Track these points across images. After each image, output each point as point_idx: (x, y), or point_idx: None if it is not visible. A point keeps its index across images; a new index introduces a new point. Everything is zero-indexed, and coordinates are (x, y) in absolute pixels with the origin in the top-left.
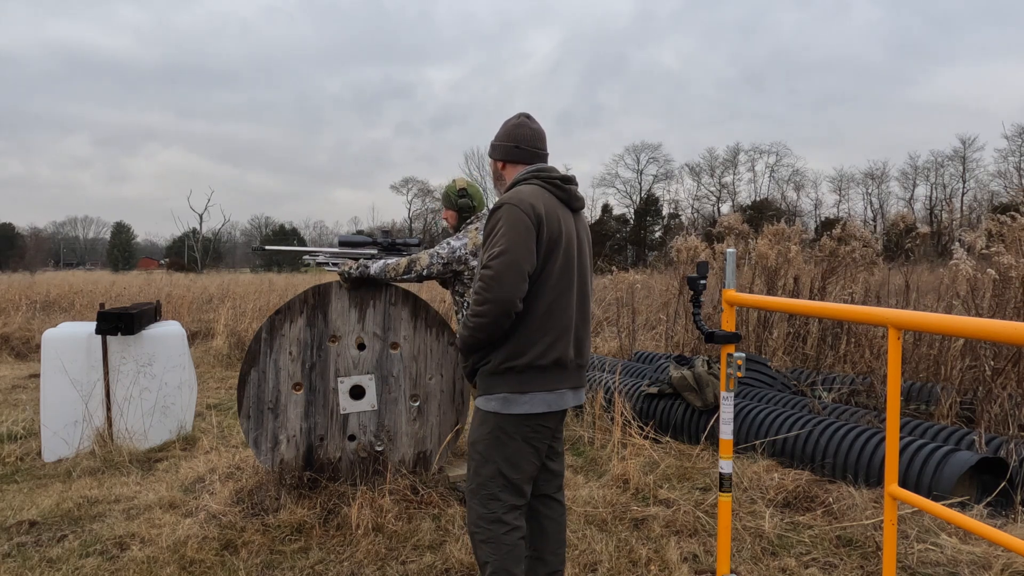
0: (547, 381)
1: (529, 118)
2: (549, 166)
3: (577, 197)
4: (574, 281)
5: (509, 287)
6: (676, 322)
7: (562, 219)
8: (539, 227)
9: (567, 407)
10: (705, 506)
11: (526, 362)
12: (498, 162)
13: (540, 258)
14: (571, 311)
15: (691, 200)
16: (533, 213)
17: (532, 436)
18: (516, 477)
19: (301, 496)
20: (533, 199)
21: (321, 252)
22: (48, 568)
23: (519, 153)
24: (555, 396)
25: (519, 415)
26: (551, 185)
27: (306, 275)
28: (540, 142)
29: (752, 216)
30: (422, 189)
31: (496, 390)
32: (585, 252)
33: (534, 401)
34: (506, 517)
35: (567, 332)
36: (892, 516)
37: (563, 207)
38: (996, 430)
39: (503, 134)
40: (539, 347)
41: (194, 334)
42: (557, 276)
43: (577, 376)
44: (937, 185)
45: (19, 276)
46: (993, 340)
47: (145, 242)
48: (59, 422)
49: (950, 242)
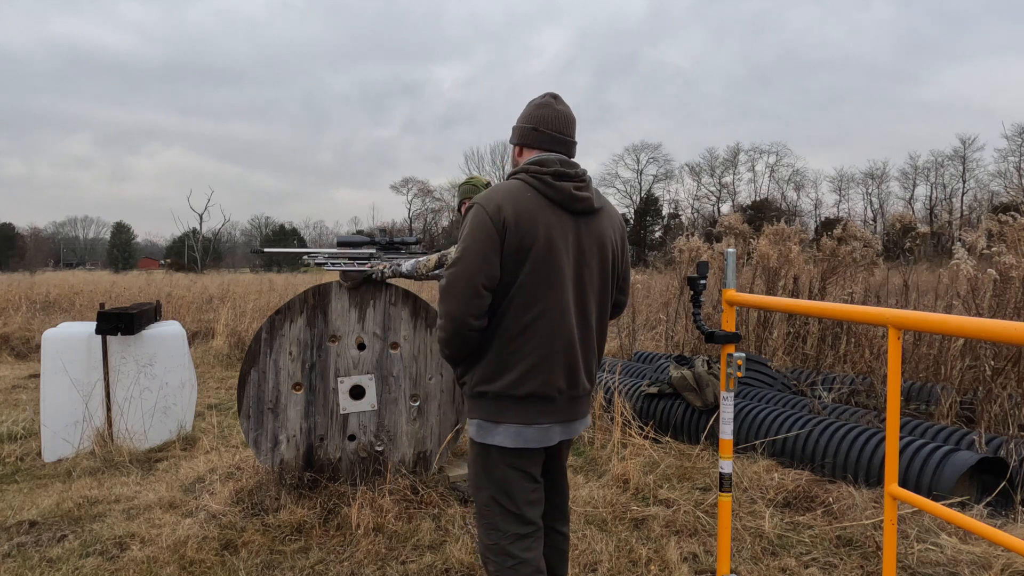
0: (525, 413)
1: (556, 98)
2: (554, 157)
3: (576, 197)
4: (567, 297)
5: (456, 302)
6: (676, 322)
7: (547, 223)
8: (504, 233)
9: (551, 443)
10: (705, 506)
11: (497, 389)
12: (516, 148)
13: (509, 269)
14: (563, 332)
15: (691, 200)
16: (499, 216)
17: (518, 462)
18: (510, 505)
19: (301, 496)
20: (504, 199)
21: (320, 253)
22: (48, 568)
23: (536, 137)
24: (534, 431)
25: (494, 446)
26: (539, 181)
27: (306, 275)
28: (565, 127)
29: (752, 216)
30: (422, 189)
31: (472, 414)
32: (593, 263)
33: (507, 433)
34: (512, 548)
35: (554, 357)
36: (892, 516)
37: (554, 208)
38: (996, 430)
39: (524, 115)
40: (513, 374)
41: (194, 334)
42: (537, 290)
43: (570, 408)
44: (937, 185)
45: (19, 276)
46: (993, 340)
47: (145, 242)
48: (59, 422)
49: (950, 242)
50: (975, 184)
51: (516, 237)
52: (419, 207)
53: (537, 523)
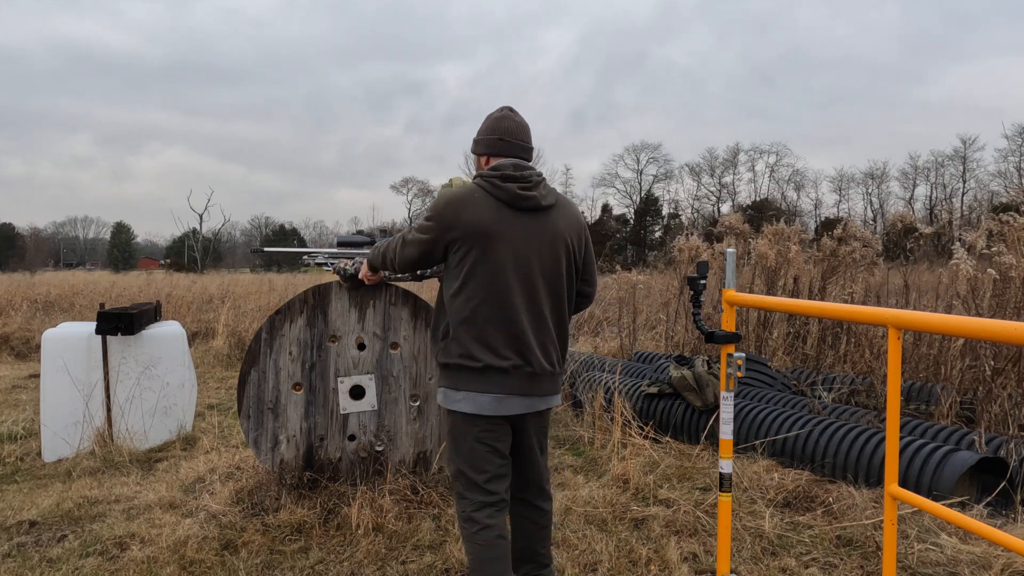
0: (482, 383)
1: (513, 111)
2: (507, 163)
3: (520, 196)
4: (510, 282)
5: (394, 261)
6: (676, 322)
7: (491, 219)
8: (444, 229)
9: (510, 413)
10: (705, 506)
11: (456, 361)
12: (482, 157)
13: (458, 257)
14: (507, 313)
15: (691, 200)
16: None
17: (483, 435)
18: (477, 477)
19: (301, 496)
20: (455, 197)
21: (320, 252)
22: (48, 568)
23: (504, 146)
24: (490, 400)
25: (460, 413)
26: (488, 184)
27: (306, 275)
28: (525, 135)
29: (752, 216)
30: (422, 189)
31: (440, 383)
32: (544, 253)
33: (466, 401)
34: (476, 515)
35: (499, 335)
36: (892, 516)
37: (500, 206)
38: (996, 430)
39: (486, 128)
40: (469, 348)
41: (194, 334)
42: (483, 277)
43: (528, 383)
44: (937, 185)
45: (19, 276)
46: (993, 340)
47: (145, 242)
48: (59, 422)
49: (950, 242)
50: (975, 184)
51: (460, 231)
52: (419, 207)
53: (500, 495)
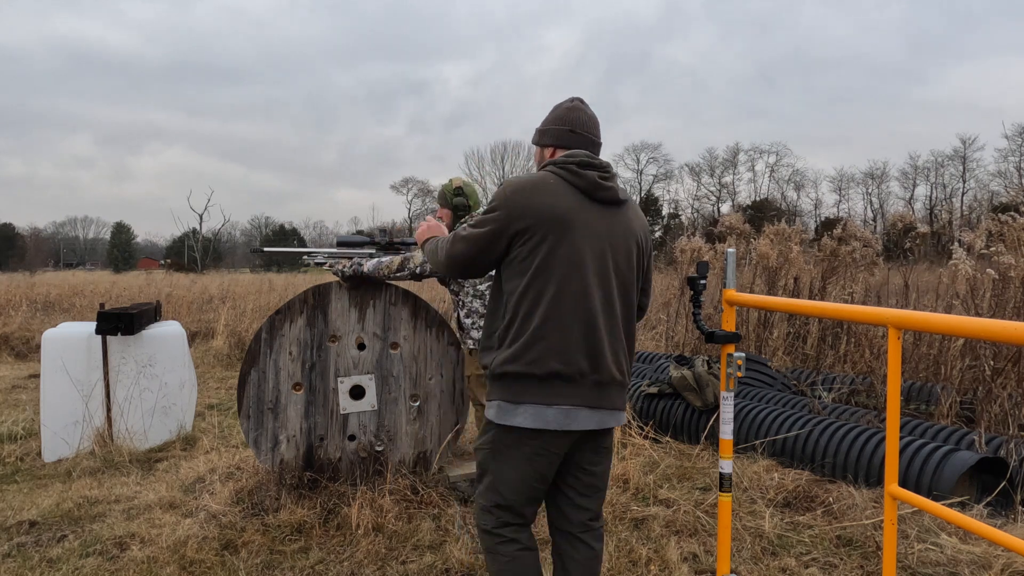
0: (546, 394)
1: (583, 103)
2: (581, 151)
3: (600, 185)
4: (589, 279)
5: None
6: (676, 322)
7: (569, 207)
8: (513, 217)
9: (578, 428)
10: (705, 506)
11: (518, 369)
12: (547, 149)
13: (526, 250)
14: (584, 314)
15: (691, 200)
16: (516, 200)
17: (534, 456)
18: (512, 498)
19: (301, 496)
20: (525, 184)
21: (319, 252)
22: (48, 568)
23: (574, 138)
24: (556, 413)
25: (514, 428)
26: (565, 171)
27: (306, 275)
28: (596, 129)
29: (752, 216)
30: (422, 189)
31: (492, 395)
32: (619, 250)
33: (527, 414)
34: (501, 531)
35: (574, 337)
36: (892, 516)
37: (578, 194)
38: (996, 430)
39: (554, 118)
40: (533, 353)
41: (194, 334)
42: (557, 271)
43: (596, 394)
44: (937, 185)
45: (19, 276)
46: (993, 340)
47: (145, 242)
48: (59, 422)
49: (950, 242)
50: (975, 184)
51: (530, 220)
52: (419, 207)
53: (528, 522)
